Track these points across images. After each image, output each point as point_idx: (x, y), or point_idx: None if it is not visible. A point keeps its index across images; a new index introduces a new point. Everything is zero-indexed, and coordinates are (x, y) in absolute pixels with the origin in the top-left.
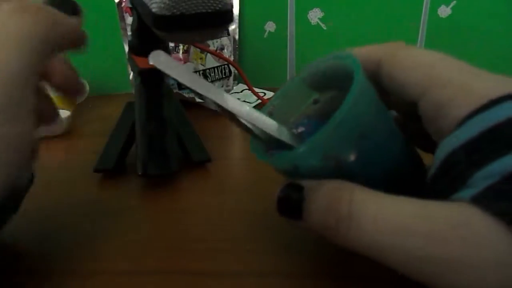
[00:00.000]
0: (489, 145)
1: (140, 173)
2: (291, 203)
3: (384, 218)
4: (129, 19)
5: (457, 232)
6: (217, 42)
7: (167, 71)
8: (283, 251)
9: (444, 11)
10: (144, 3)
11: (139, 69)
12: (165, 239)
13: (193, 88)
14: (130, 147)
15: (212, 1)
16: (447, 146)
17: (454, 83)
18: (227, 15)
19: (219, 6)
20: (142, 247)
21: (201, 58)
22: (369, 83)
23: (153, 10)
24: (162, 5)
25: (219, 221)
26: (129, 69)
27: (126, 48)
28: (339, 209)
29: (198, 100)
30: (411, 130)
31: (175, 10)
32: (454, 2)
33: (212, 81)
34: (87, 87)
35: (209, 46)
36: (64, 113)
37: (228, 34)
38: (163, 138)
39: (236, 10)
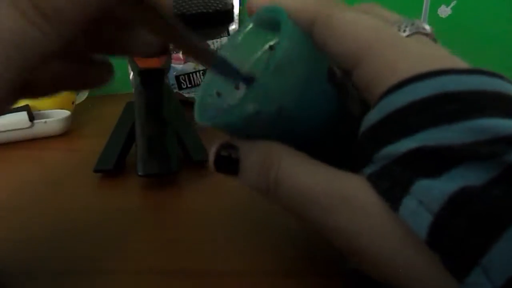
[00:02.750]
0: (390, 129)
1: (140, 173)
2: (229, 163)
3: (299, 188)
4: None
5: (347, 204)
6: (217, 42)
7: None
8: (283, 251)
9: (444, 11)
10: None
11: (139, 69)
12: (165, 239)
13: None
14: (130, 147)
15: (212, 1)
16: (365, 122)
17: (380, 60)
18: (227, 15)
19: (219, 6)
20: (142, 247)
21: None
22: (302, 38)
23: None
24: None
25: (219, 221)
26: (129, 69)
27: None
28: (268, 176)
29: None
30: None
31: (175, 10)
32: (454, 2)
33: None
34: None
35: (209, 46)
36: (64, 113)
37: (228, 34)
38: (163, 138)
39: (236, 10)
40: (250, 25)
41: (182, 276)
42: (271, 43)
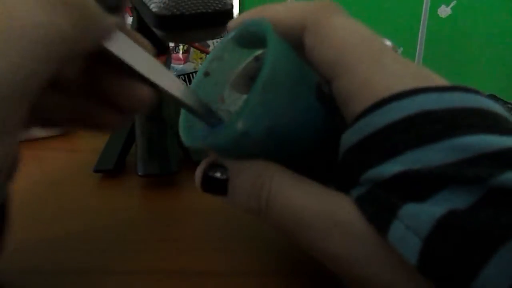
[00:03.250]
0: (373, 151)
1: (140, 173)
2: (216, 183)
3: (291, 209)
4: (129, 19)
5: (339, 229)
6: (217, 42)
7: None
8: (283, 251)
9: (444, 11)
10: (144, 3)
11: None
12: (165, 239)
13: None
14: (130, 147)
15: (212, 1)
16: (345, 141)
17: (359, 75)
18: (227, 15)
19: (219, 6)
20: (142, 247)
21: (201, 58)
22: (288, 53)
23: (153, 9)
24: (162, 5)
25: (219, 221)
26: None
27: None
28: (259, 196)
29: None
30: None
31: (175, 10)
32: (454, 2)
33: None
34: None
35: (209, 46)
36: None
37: None
38: (163, 138)
39: (236, 10)
40: (230, 41)
41: (182, 276)
42: (257, 53)
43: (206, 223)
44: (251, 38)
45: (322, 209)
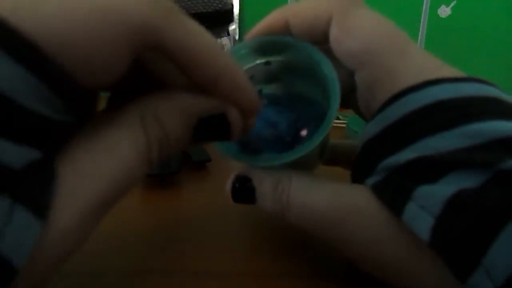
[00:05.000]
0: (389, 141)
1: None
2: (245, 194)
3: (307, 206)
4: None
5: (352, 216)
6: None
7: None
8: (283, 251)
9: (444, 11)
10: None
11: None
12: (165, 239)
13: None
14: None
15: (212, 1)
16: (365, 134)
17: (383, 66)
18: (227, 15)
19: (219, 6)
20: (142, 247)
21: None
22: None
23: None
24: None
25: (219, 221)
26: None
27: None
28: (281, 200)
29: None
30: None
31: None
32: (454, 2)
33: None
34: None
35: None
36: None
37: (228, 34)
38: None
39: (236, 10)
40: (245, 50)
41: (182, 276)
42: (269, 59)
43: (206, 223)
44: (268, 47)
45: (336, 201)
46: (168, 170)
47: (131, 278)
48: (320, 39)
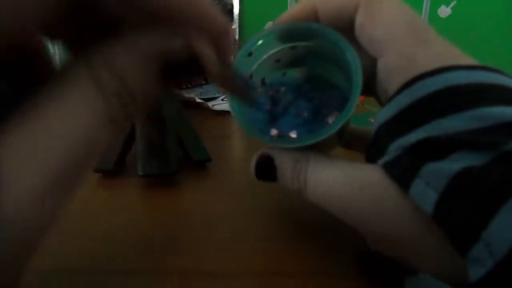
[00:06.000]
0: (402, 123)
1: (140, 173)
2: (267, 171)
3: (323, 184)
4: None
5: (364, 193)
6: None
7: None
8: (283, 251)
9: (444, 11)
10: None
11: None
12: (165, 239)
13: None
14: (130, 147)
15: (212, 1)
16: (379, 117)
17: (405, 52)
18: (227, 15)
19: (219, 6)
20: (142, 247)
21: None
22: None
23: None
24: None
25: (219, 221)
26: None
27: None
28: (299, 178)
29: (198, 100)
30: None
31: None
32: (454, 2)
33: (212, 81)
34: None
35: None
36: None
37: None
38: (163, 138)
39: (236, 10)
40: (272, 35)
41: (182, 276)
42: (294, 44)
43: (206, 223)
44: (295, 34)
45: (349, 178)
46: (168, 170)
47: (131, 277)
48: (347, 26)
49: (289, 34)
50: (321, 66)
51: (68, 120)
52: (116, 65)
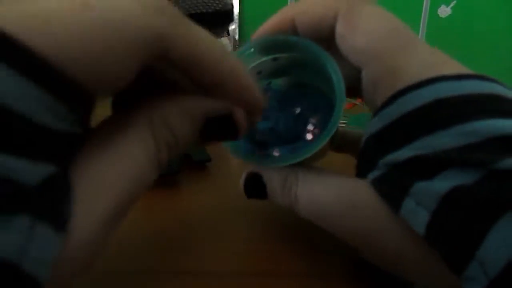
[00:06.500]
0: (389, 139)
1: None
2: (257, 189)
3: (314, 200)
4: None
5: (354, 211)
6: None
7: None
8: (283, 251)
9: (444, 11)
10: None
11: None
12: (165, 239)
13: None
14: None
15: (212, 1)
16: (368, 130)
17: (387, 63)
18: (227, 15)
19: (219, 6)
20: (142, 247)
21: None
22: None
23: None
24: None
25: (219, 221)
26: None
27: None
28: (289, 195)
29: None
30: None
31: None
32: (454, 2)
33: None
34: None
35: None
36: None
37: (228, 34)
38: None
39: (236, 10)
40: (251, 49)
41: (182, 276)
42: (276, 56)
43: (206, 223)
44: (275, 46)
45: (340, 195)
46: (168, 170)
47: (130, 277)
48: (327, 36)
49: (269, 47)
50: (305, 75)
51: (128, 162)
52: (170, 121)
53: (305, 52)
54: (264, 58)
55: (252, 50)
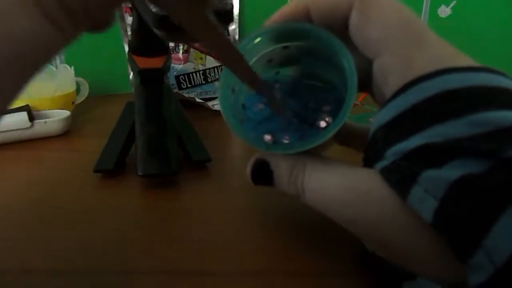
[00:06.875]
0: (399, 128)
1: (140, 173)
2: (264, 176)
3: (320, 189)
4: (129, 19)
5: (362, 199)
6: None
7: None
8: (283, 251)
9: (444, 11)
10: (144, 3)
11: (139, 69)
12: (165, 239)
13: None
14: (130, 147)
15: (212, 1)
16: (376, 120)
17: (400, 54)
18: (227, 15)
19: (219, 6)
20: (142, 247)
21: (201, 58)
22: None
23: (153, 10)
24: None
25: (219, 221)
26: (129, 69)
27: (126, 48)
28: (296, 184)
29: (198, 100)
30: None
31: None
32: (454, 2)
33: (212, 81)
34: (87, 87)
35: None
36: (64, 113)
37: (228, 34)
38: (163, 138)
39: (236, 10)
40: (259, 39)
41: (182, 276)
42: (286, 44)
43: (206, 223)
44: (287, 34)
45: (348, 183)
46: (168, 170)
47: (130, 277)
48: (340, 26)
49: (281, 34)
50: (315, 65)
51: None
52: None
53: (318, 41)
54: (274, 46)
55: (263, 36)
